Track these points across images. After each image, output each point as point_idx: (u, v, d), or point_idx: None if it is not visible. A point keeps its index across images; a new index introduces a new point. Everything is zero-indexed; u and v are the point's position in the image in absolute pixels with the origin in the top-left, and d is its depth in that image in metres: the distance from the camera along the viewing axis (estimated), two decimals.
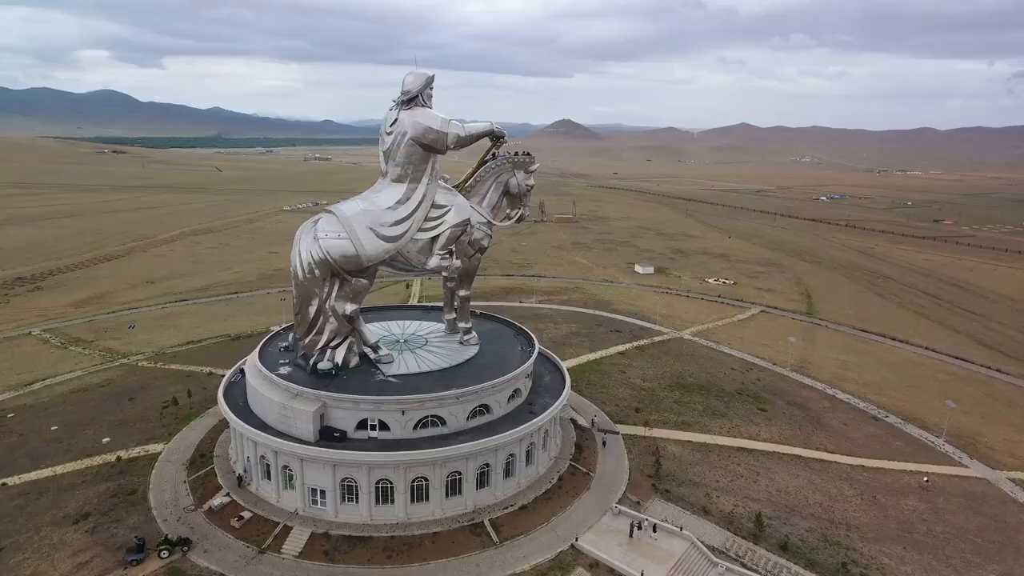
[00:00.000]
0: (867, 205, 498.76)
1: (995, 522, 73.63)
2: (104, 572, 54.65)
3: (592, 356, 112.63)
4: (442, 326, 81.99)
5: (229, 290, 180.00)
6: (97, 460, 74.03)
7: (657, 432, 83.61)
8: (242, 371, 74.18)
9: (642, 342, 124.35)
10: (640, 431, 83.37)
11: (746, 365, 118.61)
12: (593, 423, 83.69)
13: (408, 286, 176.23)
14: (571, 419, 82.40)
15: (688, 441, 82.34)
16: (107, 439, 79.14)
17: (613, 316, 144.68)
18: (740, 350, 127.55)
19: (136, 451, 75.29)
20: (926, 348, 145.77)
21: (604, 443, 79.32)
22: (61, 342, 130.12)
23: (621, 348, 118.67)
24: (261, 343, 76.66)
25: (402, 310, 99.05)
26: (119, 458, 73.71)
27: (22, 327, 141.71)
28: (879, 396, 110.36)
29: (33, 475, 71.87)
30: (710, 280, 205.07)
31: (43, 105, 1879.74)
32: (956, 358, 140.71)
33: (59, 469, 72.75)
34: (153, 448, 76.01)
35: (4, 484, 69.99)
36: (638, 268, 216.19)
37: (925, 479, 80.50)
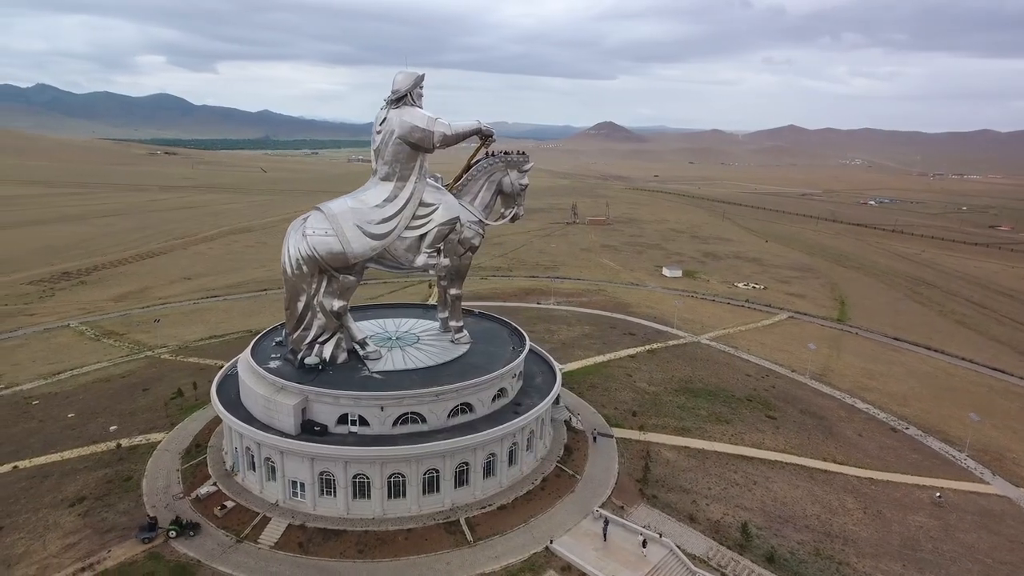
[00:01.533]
0: (918, 210, 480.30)
1: (1010, 542, 69.56)
2: (89, 553, 56.72)
3: (600, 358, 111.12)
4: (437, 324, 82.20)
5: (259, 287, 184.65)
6: (102, 447, 76.90)
7: (653, 437, 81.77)
8: None
9: (655, 346, 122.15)
10: (635, 435, 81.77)
11: (762, 371, 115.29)
12: (571, 418, 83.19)
13: (431, 285, 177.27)
14: (565, 421, 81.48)
15: (685, 447, 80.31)
16: (115, 427, 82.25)
17: (630, 319, 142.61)
18: (759, 356, 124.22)
19: (138, 439, 77.96)
20: (962, 358, 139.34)
21: (595, 439, 78.51)
22: (95, 334, 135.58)
23: (632, 351, 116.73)
24: (256, 338, 78.30)
25: (401, 308, 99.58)
26: (119, 445, 76.57)
27: (63, 319, 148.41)
28: (902, 407, 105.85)
29: (43, 459, 75.15)
30: (739, 284, 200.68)
31: (103, 109, 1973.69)
32: (994, 369, 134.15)
33: (67, 454, 75.88)
34: (154, 437, 78.55)
35: (16, 467, 73.41)
36: (665, 271, 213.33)
37: (937, 494, 76.66)
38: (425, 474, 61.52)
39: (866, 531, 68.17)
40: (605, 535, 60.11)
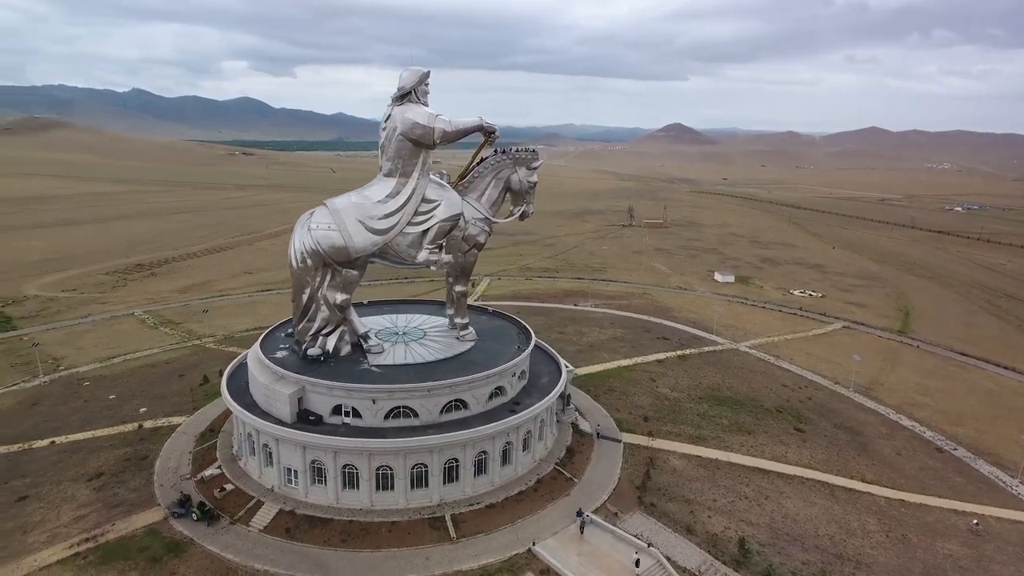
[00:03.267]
0: (1010, 217, 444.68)
1: None
2: (96, 525, 60.35)
3: (625, 362, 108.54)
4: (446, 321, 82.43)
5: None
6: (129, 427, 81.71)
7: (664, 444, 78.98)
8: None
9: (688, 351, 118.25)
10: (644, 441, 79.28)
11: (801, 382, 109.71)
12: (575, 420, 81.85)
13: (474, 284, 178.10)
14: (572, 423, 79.99)
15: (696, 456, 77.13)
16: (144, 409, 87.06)
17: (667, 323, 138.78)
18: (801, 366, 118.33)
19: (162, 421, 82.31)
20: None
21: (598, 435, 77.33)
22: (154, 323, 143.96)
23: (661, 356, 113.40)
24: (269, 328, 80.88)
25: (415, 304, 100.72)
26: (140, 426, 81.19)
27: (129, 308, 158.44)
28: (954, 426, 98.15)
29: (78, 435, 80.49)
30: (795, 292, 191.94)
31: (190, 112, 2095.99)
32: None
33: (98, 432, 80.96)
34: (176, 420, 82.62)
35: (53, 442, 78.95)
36: (717, 276, 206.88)
37: (975, 521, 70.50)
38: (413, 468, 61.73)
39: (885, 556, 63.45)
40: (582, 530, 59.33)
